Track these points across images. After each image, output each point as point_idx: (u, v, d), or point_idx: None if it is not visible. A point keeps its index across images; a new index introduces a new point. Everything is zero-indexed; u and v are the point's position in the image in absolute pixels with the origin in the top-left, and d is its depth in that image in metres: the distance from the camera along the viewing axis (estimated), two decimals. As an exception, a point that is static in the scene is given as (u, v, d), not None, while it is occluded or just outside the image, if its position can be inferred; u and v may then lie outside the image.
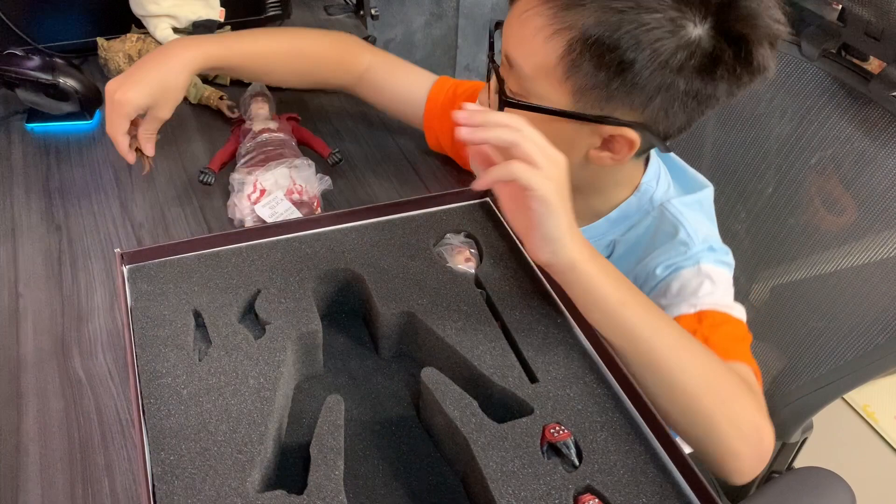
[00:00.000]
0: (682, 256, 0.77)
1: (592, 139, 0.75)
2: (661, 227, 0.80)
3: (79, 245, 0.94)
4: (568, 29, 0.68)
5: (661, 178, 0.84)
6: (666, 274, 0.77)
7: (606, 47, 0.67)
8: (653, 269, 0.78)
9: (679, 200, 0.82)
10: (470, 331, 0.68)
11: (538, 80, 0.72)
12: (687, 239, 0.78)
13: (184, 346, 0.65)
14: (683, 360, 0.64)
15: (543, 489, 0.56)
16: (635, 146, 0.74)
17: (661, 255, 0.78)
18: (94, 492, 0.70)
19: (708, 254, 0.78)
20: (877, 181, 0.90)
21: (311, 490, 0.56)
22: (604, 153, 0.76)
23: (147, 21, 1.20)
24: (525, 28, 0.71)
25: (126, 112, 0.89)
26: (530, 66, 0.72)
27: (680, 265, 0.77)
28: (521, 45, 0.72)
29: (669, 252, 0.78)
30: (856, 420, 1.86)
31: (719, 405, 0.64)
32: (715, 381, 0.65)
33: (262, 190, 0.94)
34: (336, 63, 1.05)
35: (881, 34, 0.87)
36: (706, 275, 0.76)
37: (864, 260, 0.92)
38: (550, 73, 0.71)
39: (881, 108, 0.89)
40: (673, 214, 0.80)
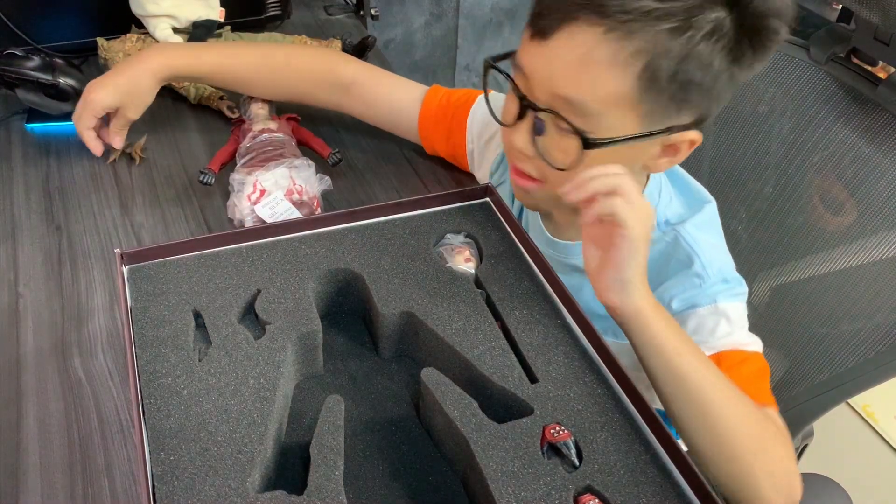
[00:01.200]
0: (696, 290, 0.77)
1: (654, 150, 0.75)
2: (675, 255, 0.80)
3: (79, 245, 0.94)
4: (635, 56, 0.66)
5: (662, 190, 0.84)
6: (682, 309, 0.77)
7: (675, 65, 0.66)
8: (668, 302, 0.78)
9: (692, 224, 0.81)
10: (470, 331, 0.68)
11: (608, 113, 0.69)
12: (702, 272, 0.78)
13: (184, 346, 0.65)
14: (729, 408, 0.66)
15: (543, 489, 0.56)
16: (697, 143, 0.74)
17: (676, 286, 0.78)
18: (94, 492, 0.70)
19: (723, 288, 0.78)
20: (882, 186, 0.89)
21: (311, 490, 0.56)
22: (662, 159, 0.76)
23: (147, 21, 1.20)
24: (589, 62, 0.67)
25: (93, 109, 0.98)
26: (599, 100, 0.68)
27: (696, 303, 0.77)
28: (584, 80, 0.68)
29: (684, 284, 0.78)
30: (856, 420, 1.86)
31: (759, 455, 0.65)
32: (756, 432, 0.66)
33: (261, 190, 0.94)
34: (319, 75, 1.05)
35: (890, 39, 0.87)
36: (722, 313, 0.76)
37: (866, 262, 0.92)
38: (622, 101, 0.68)
39: (888, 113, 0.89)
40: (688, 242, 0.79)
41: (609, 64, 0.66)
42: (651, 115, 0.70)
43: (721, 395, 0.66)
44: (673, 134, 0.72)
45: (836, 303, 0.96)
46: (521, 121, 0.74)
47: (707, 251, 0.79)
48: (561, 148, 0.72)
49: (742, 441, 0.65)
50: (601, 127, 0.69)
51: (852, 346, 0.93)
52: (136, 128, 1.13)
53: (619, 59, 0.66)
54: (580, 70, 0.68)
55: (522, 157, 0.76)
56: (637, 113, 0.69)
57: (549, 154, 0.73)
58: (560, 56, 0.68)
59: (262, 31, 1.29)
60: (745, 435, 0.65)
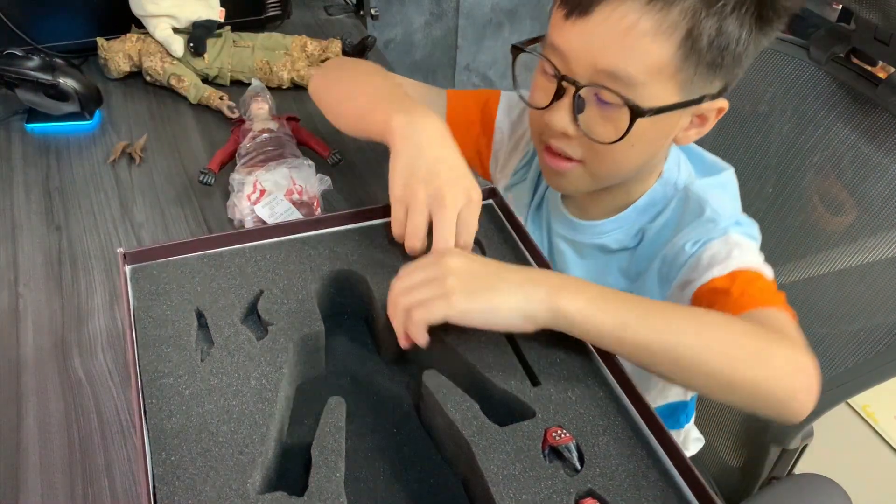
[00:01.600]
0: (710, 231, 0.78)
1: (685, 121, 0.75)
2: (688, 207, 0.81)
3: (79, 245, 0.94)
4: (675, 26, 0.68)
5: (681, 163, 0.85)
6: (695, 249, 0.77)
7: (714, 32, 0.68)
8: (681, 247, 0.78)
9: (702, 182, 0.83)
10: (472, 333, 0.67)
11: (651, 83, 0.70)
12: (714, 216, 0.79)
13: (186, 346, 0.65)
14: (703, 347, 0.63)
15: (545, 493, 0.56)
16: (724, 111, 0.75)
17: (689, 232, 0.79)
18: (94, 492, 0.69)
19: (735, 227, 0.78)
20: (882, 186, 0.89)
21: (311, 492, 0.56)
22: (691, 131, 0.77)
23: (147, 21, 1.19)
24: (630, 34, 0.68)
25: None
26: (643, 70, 0.69)
27: (709, 237, 0.77)
28: (626, 51, 0.69)
29: (697, 229, 0.78)
30: (856, 420, 1.86)
31: (756, 369, 0.63)
32: (741, 348, 0.64)
33: (261, 190, 0.94)
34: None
35: (890, 39, 0.87)
36: (735, 243, 0.77)
37: (866, 263, 0.92)
38: (663, 71, 0.70)
39: (887, 114, 0.89)
40: (697, 195, 0.81)
41: (653, 34, 0.68)
42: (688, 84, 0.71)
43: (688, 339, 0.63)
44: (704, 103, 0.72)
45: (835, 303, 0.96)
46: (559, 101, 0.74)
47: (718, 201, 0.80)
48: (605, 122, 0.73)
49: (730, 366, 0.63)
50: (643, 97, 0.70)
51: (852, 346, 0.93)
52: (137, 128, 1.14)
53: (661, 28, 0.68)
54: (625, 42, 0.69)
55: (562, 137, 0.76)
56: (675, 82, 0.71)
57: (592, 130, 0.73)
58: (603, 30, 0.69)
59: (262, 32, 1.29)
60: (730, 359, 0.63)
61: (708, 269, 0.75)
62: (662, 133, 0.74)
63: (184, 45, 1.19)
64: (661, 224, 0.83)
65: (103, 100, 1.15)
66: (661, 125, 0.73)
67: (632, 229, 0.84)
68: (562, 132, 0.75)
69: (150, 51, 1.20)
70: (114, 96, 1.20)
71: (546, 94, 0.75)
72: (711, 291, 0.73)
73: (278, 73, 1.21)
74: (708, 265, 0.76)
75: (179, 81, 1.19)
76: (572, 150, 0.77)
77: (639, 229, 0.84)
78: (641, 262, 0.83)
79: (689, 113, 0.75)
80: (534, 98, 0.78)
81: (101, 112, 1.15)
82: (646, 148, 0.76)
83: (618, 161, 0.76)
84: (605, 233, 0.84)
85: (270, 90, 1.15)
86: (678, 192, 0.83)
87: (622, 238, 0.84)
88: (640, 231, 0.84)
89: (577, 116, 0.74)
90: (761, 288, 0.74)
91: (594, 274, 0.85)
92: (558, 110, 0.74)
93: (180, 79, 1.19)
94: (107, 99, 1.18)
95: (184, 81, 1.18)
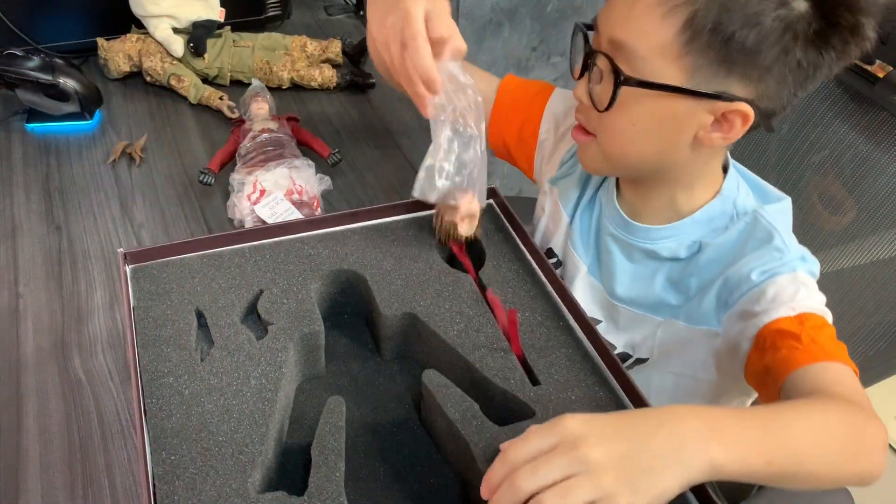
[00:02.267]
0: (777, 262, 0.77)
1: (704, 118, 0.75)
2: (755, 234, 0.81)
3: (79, 245, 0.94)
4: (684, 5, 0.68)
5: (740, 185, 0.85)
6: (762, 280, 0.77)
7: (724, 21, 0.68)
8: (747, 274, 0.78)
9: (771, 208, 0.83)
10: (472, 333, 0.67)
11: (653, 60, 0.71)
12: (782, 246, 0.78)
13: (186, 346, 0.65)
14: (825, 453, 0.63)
15: (545, 491, 0.56)
16: (749, 120, 0.74)
17: (755, 260, 0.78)
18: (94, 492, 0.69)
19: (801, 263, 0.78)
20: (880, 185, 0.90)
21: (311, 491, 0.56)
22: (714, 134, 0.76)
23: (147, 21, 1.19)
24: (636, 7, 0.70)
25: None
26: (644, 45, 0.71)
27: (776, 271, 0.77)
28: (632, 24, 0.71)
29: (764, 258, 0.78)
30: (855, 422, 1.86)
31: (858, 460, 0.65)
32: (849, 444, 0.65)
33: (261, 190, 0.94)
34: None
35: (887, 38, 0.87)
36: (802, 282, 0.77)
37: (865, 261, 0.92)
38: (666, 50, 0.70)
39: (885, 112, 0.89)
40: (767, 221, 0.81)
41: (659, 12, 0.69)
42: (698, 72, 0.71)
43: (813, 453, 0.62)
44: (721, 101, 0.72)
45: (835, 301, 0.96)
46: (587, 72, 0.77)
47: (786, 231, 0.81)
48: (605, 91, 0.74)
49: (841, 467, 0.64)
50: (646, 73, 0.72)
51: (853, 343, 0.93)
52: (137, 128, 1.14)
53: (666, 6, 0.69)
54: (630, 15, 0.71)
55: (581, 106, 0.79)
56: (681, 66, 0.71)
57: (597, 98, 0.75)
58: (618, 3, 0.72)
59: (262, 32, 1.29)
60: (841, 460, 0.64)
61: (774, 306, 0.75)
62: (670, 121, 0.73)
63: (184, 45, 1.19)
64: (724, 243, 0.82)
65: (103, 100, 1.15)
66: (665, 109, 0.73)
67: (686, 240, 0.84)
68: (578, 100, 0.78)
69: (150, 51, 1.20)
70: (114, 96, 1.20)
71: (578, 66, 0.78)
72: (779, 333, 0.73)
73: (278, 74, 1.21)
74: (773, 300, 0.75)
75: (179, 81, 1.19)
76: (588, 122, 0.79)
77: (693, 242, 0.84)
78: (695, 277, 0.83)
79: (706, 109, 0.74)
80: (574, 73, 0.80)
81: (101, 112, 1.15)
82: (652, 133, 0.76)
83: (622, 139, 0.77)
84: (658, 239, 0.84)
85: (270, 90, 1.15)
86: (743, 213, 0.83)
87: (674, 247, 0.84)
88: (694, 244, 0.84)
89: (591, 86, 0.76)
90: (829, 336, 0.74)
91: (640, 278, 0.85)
92: (582, 81, 0.77)
93: (180, 79, 1.19)
94: (107, 99, 1.18)
95: (184, 81, 1.18)
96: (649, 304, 0.84)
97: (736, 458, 0.56)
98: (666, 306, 0.82)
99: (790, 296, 0.75)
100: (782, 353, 0.69)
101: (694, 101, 0.72)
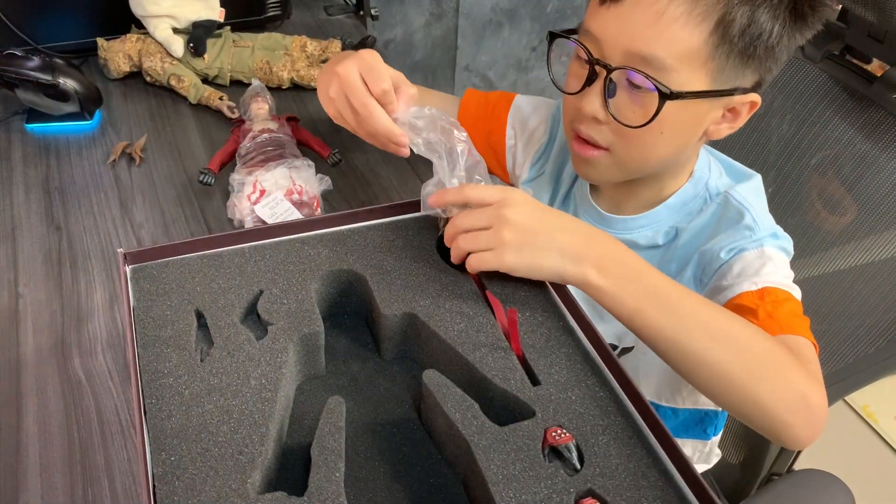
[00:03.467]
0: (746, 240, 0.79)
1: (717, 113, 0.76)
2: (726, 214, 0.81)
3: (79, 245, 0.94)
4: (707, 12, 0.69)
5: (711, 166, 0.85)
6: (730, 256, 0.78)
7: (754, 19, 0.68)
8: (717, 253, 0.79)
9: (742, 187, 0.83)
10: (472, 333, 0.67)
11: (681, 69, 0.71)
12: (752, 224, 0.79)
13: (186, 346, 0.65)
14: (715, 349, 0.66)
15: (545, 493, 0.56)
16: (756, 107, 0.75)
17: (726, 238, 0.79)
18: (94, 492, 0.70)
19: (771, 239, 0.79)
20: (878, 183, 0.90)
21: (311, 492, 0.56)
22: (723, 125, 0.77)
23: (147, 21, 1.19)
24: (663, 17, 0.70)
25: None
26: (674, 55, 0.71)
27: (744, 247, 0.78)
28: (660, 35, 0.71)
29: (734, 236, 0.79)
30: (856, 420, 1.87)
31: (760, 383, 0.65)
32: (752, 362, 0.66)
33: (261, 190, 0.94)
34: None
35: (884, 36, 0.88)
36: (768, 257, 0.77)
37: (864, 261, 0.92)
38: (693, 57, 0.71)
39: (883, 111, 0.90)
40: (738, 201, 0.82)
41: (684, 20, 0.69)
42: (720, 74, 0.72)
43: (703, 338, 0.66)
44: (736, 95, 0.73)
45: (834, 300, 0.96)
46: (591, 86, 0.75)
47: (757, 210, 0.81)
48: (634, 107, 0.74)
49: (737, 374, 0.66)
50: (673, 83, 0.71)
51: (851, 342, 0.93)
52: (137, 128, 1.14)
53: (692, 14, 0.69)
54: (656, 26, 0.70)
55: (591, 123, 0.77)
56: (707, 70, 0.71)
57: (621, 114, 0.74)
58: (636, 14, 0.71)
59: (262, 32, 1.29)
60: (739, 367, 0.66)
61: (738, 281, 0.76)
62: (693, 123, 0.74)
63: (184, 45, 1.19)
64: (698, 226, 0.83)
65: (103, 100, 1.15)
66: (691, 114, 0.73)
67: (662, 227, 0.84)
68: (592, 116, 0.76)
69: (150, 51, 1.20)
70: (114, 96, 1.20)
71: (579, 80, 0.76)
72: (739, 308, 0.74)
73: (278, 74, 1.21)
74: (738, 276, 0.76)
75: (179, 81, 1.19)
76: (601, 136, 0.78)
77: (670, 227, 0.84)
78: (674, 262, 0.83)
79: (721, 105, 0.75)
80: (568, 84, 0.79)
81: (101, 112, 1.15)
82: (675, 137, 0.76)
83: (646, 149, 0.77)
84: (635, 229, 0.84)
85: (270, 90, 1.15)
86: (711, 195, 0.83)
87: (651, 235, 0.84)
88: (671, 229, 0.84)
89: (607, 101, 0.75)
90: (789, 311, 0.74)
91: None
92: (590, 95, 0.76)
93: (180, 79, 1.19)
94: (107, 99, 1.18)
95: (184, 81, 1.18)
96: None
97: (605, 287, 0.67)
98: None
99: (755, 270, 0.76)
100: None
101: (714, 99, 0.73)
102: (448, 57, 2.36)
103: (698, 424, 0.96)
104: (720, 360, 0.65)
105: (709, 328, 0.66)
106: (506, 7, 2.36)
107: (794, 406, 0.66)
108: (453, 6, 2.27)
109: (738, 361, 0.66)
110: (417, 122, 0.75)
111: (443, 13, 2.27)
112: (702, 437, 0.97)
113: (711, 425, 0.96)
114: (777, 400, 0.66)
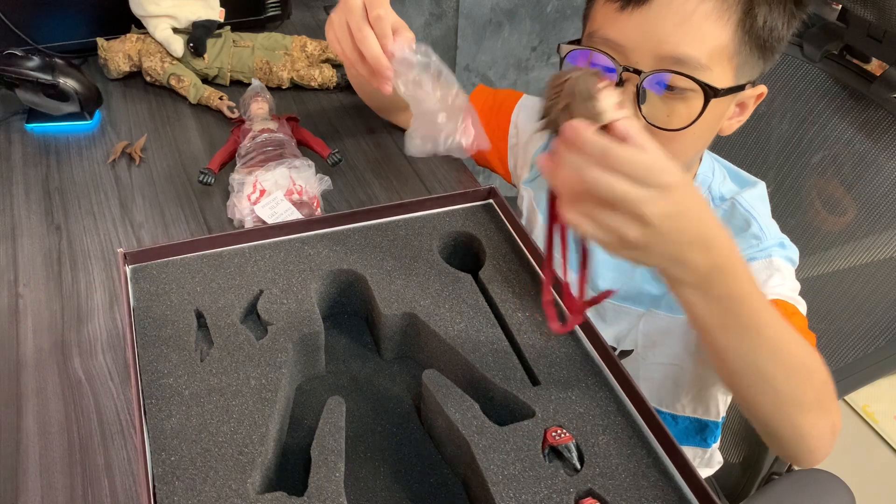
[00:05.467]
0: (754, 249, 0.78)
1: (732, 108, 0.75)
2: (732, 222, 0.81)
3: (79, 245, 0.94)
4: (732, 7, 0.69)
5: (715, 169, 0.85)
6: None
7: (766, 15, 0.69)
8: None
9: (748, 195, 0.83)
10: (472, 333, 0.67)
11: (713, 67, 0.70)
12: (759, 233, 0.79)
13: (185, 346, 0.65)
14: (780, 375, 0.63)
15: (545, 492, 0.56)
16: (762, 98, 0.75)
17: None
18: (94, 492, 0.69)
19: (779, 249, 0.78)
20: (878, 183, 0.90)
21: (311, 492, 0.56)
22: (733, 119, 0.77)
23: (147, 21, 1.19)
24: (692, 19, 0.69)
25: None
26: (706, 53, 0.70)
27: (752, 257, 0.78)
28: (692, 35, 0.70)
29: (741, 244, 0.78)
30: (856, 420, 1.86)
31: (807, 412, 0.65)
32: (809, 393, 0.64)
33: (261, 190, 0.94)
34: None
35: (883, 36, 0.88)
36: (776, 268, 0.77)
37: (864, 260, 0.92)
38: (722, 54, 0.70)
39: (882, 110, 0.90)
40: (745, 209, 0.81)
41: (715, 17, 0.69)
42: (742, 68, 0.72)
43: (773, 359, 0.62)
44: (747, 89, 0.73)
45: (834, 300, 0.97)
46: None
47: (764, 218, 0.81)
48: (668, 110, 0.72)
49: (793, 398, 0.64)
50: (710, 81, 0.71)
51: (851, 342, 0.93)
52: (136, 128, 1.14)
53: (721, 10, 0.69)
54: (689, 26, 0.69)
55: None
56: (732, 66, 0.71)
57: (656, 119, 0.73)
58: (665, 17, 0.70)
59: (262, 32, 1.29)
60: (801, 393, 0.64)
61: None
62: (717, 121, 0.74)
63: (184, 45, 1.19)
64: None
65: (103, 100, 1.15)
66: (718, 111, 0.73)
67: None
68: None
69: (150, 51, 1.20)
70: (114, 96, 1.20)
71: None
72: None
73: (278, 73, 1.21)
74: None
75: (179, 81, 1.19)
76: None
77: None
78: None
79: (736, 100, 0.75)
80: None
81: (101, 112, 1.15)
82: (704, 136, 0.76)
83: (676, 150, 0.75)
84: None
85: (270, 90, 1.15)
86: (721, 200, 0.83)
87: None
88: None
89: (640, 107, 0.73)
90: (799, 327, 0.74)
91: (621, 271, 0.85)
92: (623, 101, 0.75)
93: (180, 79, 1.18)
94: (107, 99, 1.18)
95: (184, 81, 1.18)
96: (631, 296, 0.84)
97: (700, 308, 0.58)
98: (647, 297, 0.83)
99: (762, 281, 0.76)
100: None
101: (733, 95, 0.73)
102: (448, 57, 2.36)
103: (699, 434, 0.96)
104: (782, 388, 0.63)
105: (781, 353, 0.63)
106: (506, 7, 2.36)
107: (825, 435, 0.66)
108: (453, 6, 2.27)
109: (799, 391, 0.64)
110: (414, 57, 0.74)
111: (443, 13, 2.27)
112: (701, 446, 0.97)
113: (711, 435, 0.96)
114: (812, 428, 0.65)
